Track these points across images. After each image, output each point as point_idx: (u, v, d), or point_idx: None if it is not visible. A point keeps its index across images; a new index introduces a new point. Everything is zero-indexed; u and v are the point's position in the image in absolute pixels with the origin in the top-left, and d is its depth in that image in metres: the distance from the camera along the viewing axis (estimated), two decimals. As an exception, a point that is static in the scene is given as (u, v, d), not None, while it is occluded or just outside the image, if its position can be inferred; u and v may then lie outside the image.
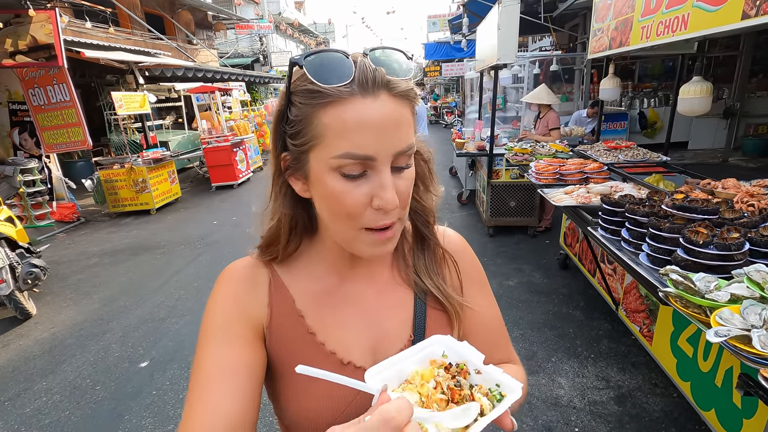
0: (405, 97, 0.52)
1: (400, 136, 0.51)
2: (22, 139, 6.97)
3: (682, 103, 2.65)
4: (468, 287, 0.72)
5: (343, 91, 0.49)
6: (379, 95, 0.50)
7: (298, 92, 0.52)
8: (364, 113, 0.49)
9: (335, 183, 0.51)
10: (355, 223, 0.53)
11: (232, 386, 0.55)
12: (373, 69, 0.50)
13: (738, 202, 1.99)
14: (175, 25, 12.93)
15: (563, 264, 4.02)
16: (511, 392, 0.46)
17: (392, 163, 0.52)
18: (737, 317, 1.16)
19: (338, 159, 0.50)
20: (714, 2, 2.08)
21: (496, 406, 0.45)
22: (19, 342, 3.37)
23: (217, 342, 0.59)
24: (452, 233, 0.76)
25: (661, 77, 9.18)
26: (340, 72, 0.49)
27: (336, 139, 0.49)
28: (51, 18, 5.78)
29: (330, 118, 0.49)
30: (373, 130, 0.49)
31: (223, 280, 0.64)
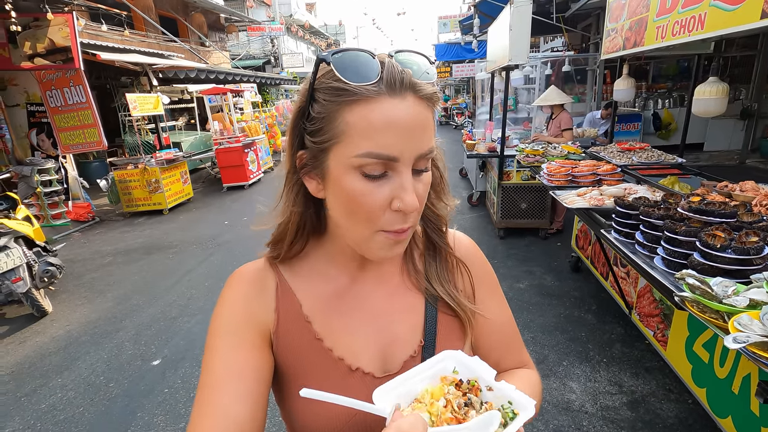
0: (429, 101, 0.52)
1: (424, 138, 0.51)
2: (39, 139, 7.13)
3: (698, 104, 2.61)
4: (479, 291, 0.71)
5: (370, 90, 0.48)
6: (406, 96, 0.49)
7: (323, 89, 0.51)
8: (392, 113, 0.48)
9: (355, 183, 0.50)
10: (373, 225, 0.52)
11: (240, 389, 0.54)
12: (401, 70, 0.50)
13: (757, 205, 1.94)
14: (188, 28, 13.11)
15: (575, 267, 3.97)
16: (523, 410, 0.45)
17: (413, 166, 0.51)
18: (756, 323, 1.14)
19: (361, 158, 0.49)
20: (732, 1, 2.04)
21: (509, 425, 0.44)
22: (36, 339, 3.44)
23: (224, 345, 0.58)
24: (463, 237, 0.74)
25: (676, 78, 9.03)
26: (368, 71, 0.49)
27: (360, 138, 0.49)
28: (68, 21, 5.90)
29: (355, 117, 0.49)
30: (399, 131, 0.49)
31: (231, 284, 0.64)
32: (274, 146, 11.93)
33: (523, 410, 0.45)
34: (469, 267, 0.71)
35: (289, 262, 0.66)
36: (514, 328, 0.74)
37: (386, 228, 0.53)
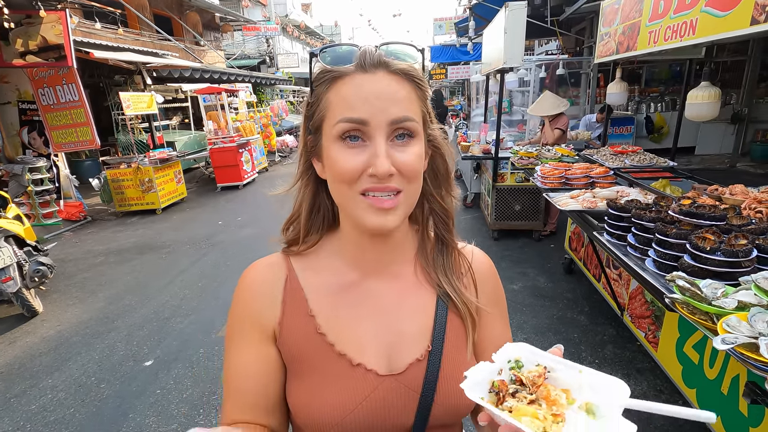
0: (404, 76, 0.57)
1: (396, 107, 0.55)
2: (31, 138, 7.05)
3: (690, 109, 2.64)
4: (488, 314, 0.71)
5: (347, 69, 0.56)
6: (377, 72, 0.55)
7: (315, 79, 0.60)
8: (360, 84, 0.55)
9: (337, 151, 0.56)
10: (352, 189, 0.56)
11: (254, 384, 0.62)
12: (374, 52, 0.56)
13: (746, 208, 1.97)
14: (183, 27, 13.03)
15: (568, 268, 4.00)
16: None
17: (391, 135, 0.55)
18: (744, 324, 1.16)
19: (338, 125, 0.55)
20: (722, 8, 2.07)
21: None
22: (26, 339, 3.40)
23: (234, 345, 0.65)
24: (481, 255, 0.74)
25: (669, 82, 9.14)
26: (348, 56, 0.56)
27: (337, 108, 0.56)
28: (61, 19, 5.85)
29: (334, 93, 0.56)
30: (368, 99, 0.54)
31: (240, 284, 0.67)
32: (269, 146, 11.90)
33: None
34: (483, 283, 0.71)
35: (302, 255, 0.68)
36: None
37: (362, 188, 0.56)
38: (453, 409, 0.62)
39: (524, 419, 0.42)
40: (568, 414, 0.44)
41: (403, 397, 0.60)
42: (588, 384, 0.46)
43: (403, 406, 0.60)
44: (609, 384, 0.45)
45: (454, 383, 0.62)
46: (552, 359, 0.49)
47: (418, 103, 0.59)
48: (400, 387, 0.61)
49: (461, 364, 0.64)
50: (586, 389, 0.46)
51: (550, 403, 0.44)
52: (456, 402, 0.62)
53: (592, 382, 0.46)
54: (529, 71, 7.45)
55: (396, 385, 0.61)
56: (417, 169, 0.58)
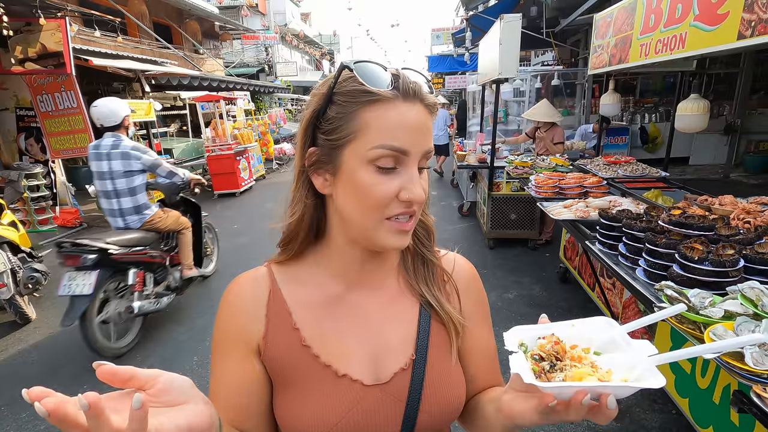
0: (431, 110, 0.60)
1: (428, 139, 0.59)
2: (28, 144, 7.05)
3: (680, 120, 2.69)
4: (473, 317, 0.72)
5: (388, 94, 0.56)
6: (416, 103, 0.57)
7: (342, 92, 0.57)
8: (405, 114, 0.56)
9: (368, 175, 0.56)
10: (380, 214, 0.58)
11: (234, 400, 0.63)
12: (413, 82, 0.58)
13: (734, 218, 2.00)
14: (182, 35, 13.13)
15: (563, 277, 4.01)
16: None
17: (418, 164, 0.58)
18: (731, 334, 1.17)
19: (376, 149, 0.55)
20: (710, 22, 2.12)
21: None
22: (18, 346, 3.38)
23: (218, 359, 0.65)
24: (463, 262, 0.76)
25: (663, 93, 9.25)
26: (384, 78, 0.56)
27: (377, 133, 0.55)
28: (61, 26, 5.89)
29: (374, 115, 0.56)
30: (410, 129, 0.56)
31: (223, 299, 0.66)
32: (267, 154, 11.93)
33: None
34: (466, 290, 0.72)
35: (285, 265, 0.68)
36: (496, 353, 0.76)
37: (390, 214, 0.58)
38: (439, 415, 0.63)
39: (588, 379, 0.46)
40: (597, 362, 0.49)
41: (389, 407, 0.61)
42: (583, 331, 0.54)
43: (390, 415, 0.61)
44: (597, 324, 0.54)
45: (440, 390, 0.63)
46: (546, 327, 0.55)
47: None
48: (385, 396, 0.61)
49: (446, 372, 0.65)
50: (587, 336, 0.53)
51: (577, 360, 0.49)
52: (442, 409, 0.63)
53: (586, 329, 0.54)
54: (524, 81, 7.54)
55: (381, 394, 0.61)
56: (427, 194, 0.62)
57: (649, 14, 2.76)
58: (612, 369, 0.47)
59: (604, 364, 0.49)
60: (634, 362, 0.47)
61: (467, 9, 9.03)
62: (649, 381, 0.44)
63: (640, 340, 0.50)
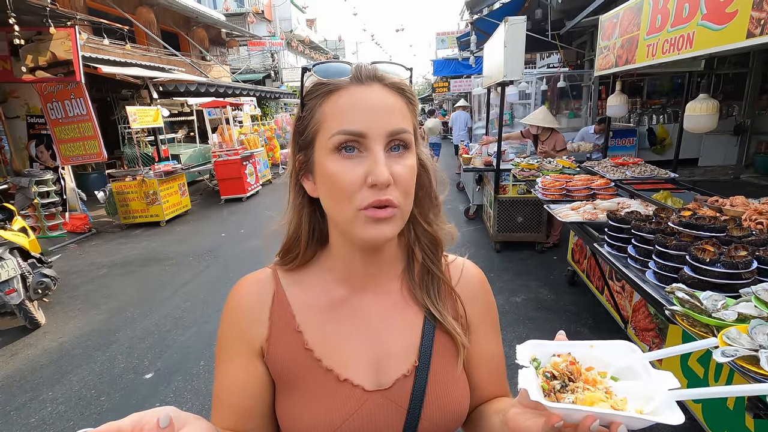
0: (397, 90, 0.58)
1: (391, 119, 0.55)
2: (38, 151, 7.15)
3: (689, 120, 2.65)
4: (480, 325, 0.70)
5: (342, 81, 0.56)
6: (372, 85, 0.56)
7: (307, 93, 0.59)
8: (356, 96, 0.55)
9: (334, 164, 0.55)
10: (352, 204, 0.55)
11: (237, 401, 0.62)
12: (369, 66, 0.57)
13: (746, 219, 1.97)
14: (189, 42, 13.28)
15: (571, 280, 3.97)
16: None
17: (388, 146, 0.55)
18: (745, 337, 1.15)
19: (335, 137, 0.54)
20: (719, 21, 2.10)
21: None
22: (27, 351, 3.41)
23: (222, 360, 0.65)
24: (471, 268, 0.74)
25: (670, 94, 9.17)
26: (341, 71, 0.57)
27: (333, 121, 0.55)
28: (71, 35, 5.98)
29: (329, 105, 0.56)
30: (365, 110, 0.54)
31: (228, 301, 0.66)
32: (273, 159, 12.00)
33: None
34: (472, 300, 0.70)
35: (293, 271, 0.67)
36: (503, 361, 0.74)
37: (363, 204, 0.54)
38: (441, 423, 0.62)
39: (601, 405, 0.44)
40: (612, 388, 0.47)
41: (390, 413, 0.60)
42: (602, 354, 0.51)
43: (390, 422, 0.60)
44: (618, 348, 0.51)
45: (442, 399, 0.62)
46: (563, 345, 0.52)
47: (411, 117, 0.59)
48: (386, 402, 0.61)
49: (449, 380, 0.64)
50: (605, 359, 0.50)
51: (591, 384, 0.47)
52: (444, 416, 0.62)
53: (605, 352, 0.51)
54: (530, 84, 7.51)
55: (383, 400, 0.61)
56: (411, 182, 0.58)
57: (655, 14, 2.74)
58: (627, 397, 0.45)
59: (619, 391, 0.46)
60: (652, 393, 0.45)
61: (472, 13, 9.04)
62: (667, 416, 0.41)
63: (662, 371, 0.47)
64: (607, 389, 0.47)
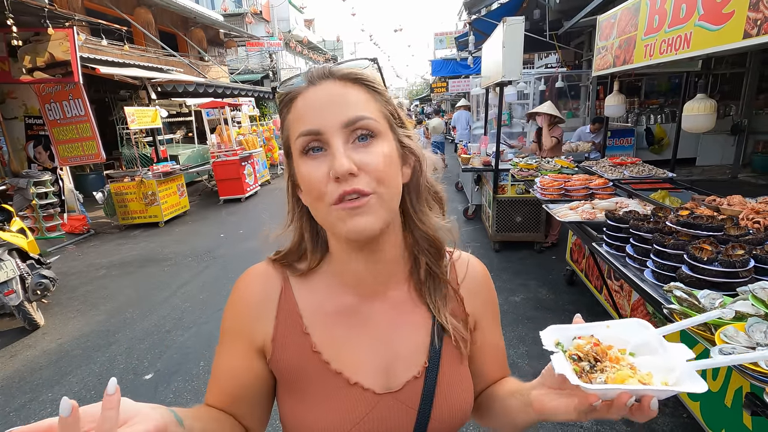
0: (353, 81, 0.57)
1: (346, 109, 0.55)
2: (36, 152, 7.14)
3: (687, 120, 2.67)
4: (484, 318, 0.72)
5: (298, 88, 0.58)
6: (323, 83, 0.57)
7: (280, 109, 0.61)
8: (309, 98, 0.56)
9: (303, 167, 0.56)
10: (324, 202, 0.55)
11: (223, 389, 0.64)
12: (320, 67, 0.58)
13: (743, 218, 1.98)
14: (187, 43, 13.27)
15: (570, 280, 3.98)
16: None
17: (350, 137, 0.55)
18: (742, 335, 1.16)
19: (298, 140, 0.56)
20: (715, 22, 2.11)
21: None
22: (27, 353, 3.40)
23: (222, 348, 0.66)
24: (476, 265, 0.74)
25: (668, 94, 9.20)
26: (302, 80, 0.58)
27: (295, 126, 0.57)
28: (69, 36, 5.97)
29: (292, 113, 0.58)
30: (317, 109, 0.55)
31: (235, 291, 0.66)
32: (271, 159, 11.99)
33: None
34: (478, 296, 0.71)
35: (302, 274, 0.66)
36: (503, 347, 0.77)
37: (333, 198, 0.53)
38: (449, 422, 0.63)
39: (630, 381, 0.46)
40: (635, 364, 0.50)
41: (401, 415, 0.61)
42: (619, 332, 0.54)
43: (401, 423, 0.61)
44: (631, 325, 0.54)
45: (450, 398, 0.63)
46: (583, 327, 0.55)
47: (376, 104, 0.57)
48: (397, 404, 0.61)
49: (456, 379, 0.65)
50: (622, 337, 0.53)
51: (615, 362, 0.50)
52: (452, 415, 0.63)
53: (621, 330, 0.54)
54: (528, 84, 7.53)
55: (394, 402, 0.61)
56: (384, 169, 0.55)
57: (653, 15, 2.75)
58: (651, 371, 0.48)
59: (642, 366, 0.49)
60: (672, 365, 0.48)
61: (470, 13, 9.06)
62: (690, 385, 0.44)
63: (677, 344, 0.50)
64: (631, 365, 0.49)
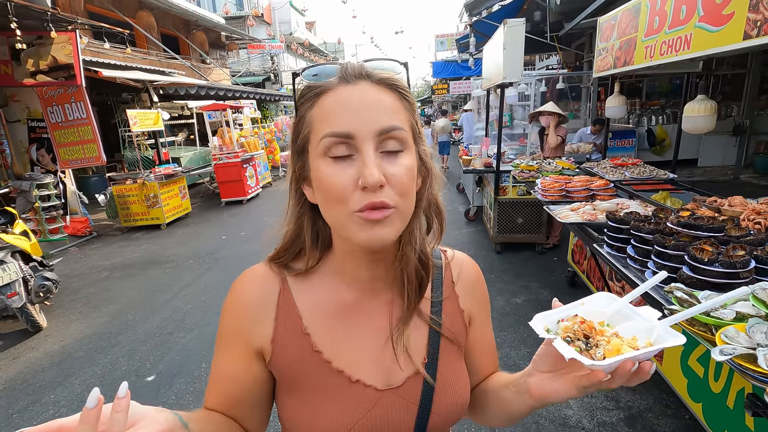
0: (389, 86, 0.55)
1: (381, 117, 0.53)
2: (39, 155, 7.18)
3: (687, 121, 2.67)
4: (477, 316, 0.73)
5: (329, 83, 0.55)
6: (359, 83, 0.54)
7: (300, 98, 0.58)
8: (342, 96, 0.53)
9: (325, 168, 0.53)
10: (346, 207, 0.53)
11: (224, 392, 0.64)
12: (356, 64, 0.56)
13: (744, 219, 1.98)
14: (189, 45, 13.32)
15: (571, 281, 3.98)
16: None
17: (380, 146, 0.53)
18: (743, 335, 1.16)
19: (323, 140, 0.53)
20: (715, 23, 2.11)
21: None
22: (29, 354, 3.41)
23: (219, 349, 0.66)
24: (469, 263, 0.75)
25: (669, 95, 9.19)
26: (330, 72, 0.56)
27: (321, 124, 0.54)
28: (71, 39, 6.01)
29: (316, 109, 0.55)
30: (351, 109, 0.53)
31: (232, 292, 0.65)
32: (273, 161, 12.01)
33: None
34: (472, 294, 0.73)
35: (300, 274, 0.66)
36: (494, 343, 0.79)
37: (358, 207, 0.52)
38: (448, 415, 0.64)
39: (624, 349, 0.49)
40: (618, 332, 0.53)
41: (402, 410, 0.61)
42: (594, 307, 0.57)
43: (403, 419, 0.61)
44: (601, 299, 0.57)
45: (450, 392, 0.64)
46: (562, 310, 0.57)
47: (406, 113, 0.57)
48: (399, 400, 0.62)
49: (455, 374, 0.66)
50: (598, 311, 0.56)
51: (601, 335, 0.52)
52: (451, 409, 0.64)
53: (595, 305, 0.57)
54: (529, 86, 7.53)
55: (395, 398, 0.61)
56: (407, 183, 0.54)
57: (653, 16, 2.75)
58: (635, 335, 0.51)
59: (625, 332, 0.52)
60: (648, 327, 0.51)
61: (471, 15, 9.07)
62: (672, 340, 0.48)
63: (645, 307, 0.54)
64: (616, 334, 0.52)
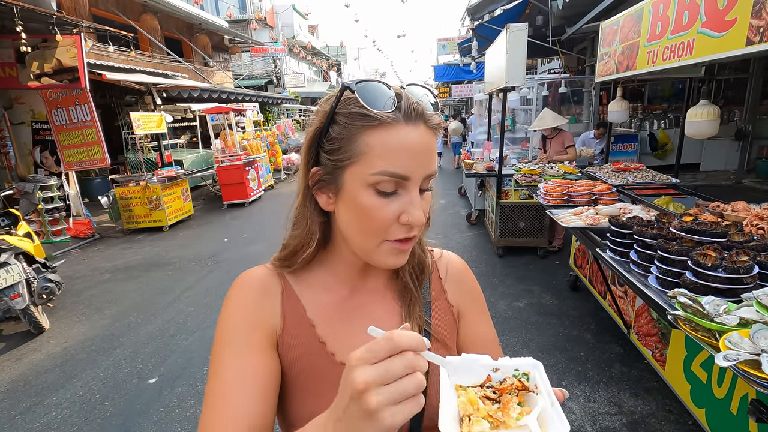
0: (435, 129, 0.59)
1: (431, 162, 0.58)
2: (43, 157, 7.21)
3: (690, 126, 2.67)
4: (468, 311, 0.75)
5: (390, 117, 0.55)
6: (419, 125, 0.56)
7: (344, 113, 0.56)
8: (406, 138, 0.55)
9: (369, 199, 0.56)
10: (380, 236, 0.58)
11: (252, 391, 0.58)
12: (416, 102, 0.57)
13: (747, 225, 1.98)
14: (192, 48, 13.38)
15: (573, 285, 3.97)
16: (532, 367, 0.50)
17: (420, 185, 0.58)
18: (747, 341, 1.15)
19: (377, 176, 0.55)
20: (718, 29, 2.12)
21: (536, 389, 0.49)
22: (32, 356, 3.42)
23: (233, 351, 0.61)
24: (456, 261, 0.78)
25: (672, 99, 9.20)
26: (386, 100, 0.55)
27: (378, 158, 0.55)
28: (76, 42, 6.05)
29: (375, 139, 0.55)
30: (412, 153, 0.55)
31: (236, 289, 0.66)
32: (275, 164, 12.04)
33: (532, 368, 0.50)
34: (460, 290, 0.75)
35: (295, 271, 0.68)
36: (496, 337, 0.79)
37: (392, 238, 0.58)
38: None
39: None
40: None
41: None
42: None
43: None
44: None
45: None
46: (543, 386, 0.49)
47: (436, 151, 0.62)
48: None
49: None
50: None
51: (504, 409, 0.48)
52: None
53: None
54: (531, 90, 7.54)
55: None
56: (428, 216, 0.62)
57: (655, 22, 2.76)
58: None
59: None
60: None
61: (473, 19, 9.09)
62: None
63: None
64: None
